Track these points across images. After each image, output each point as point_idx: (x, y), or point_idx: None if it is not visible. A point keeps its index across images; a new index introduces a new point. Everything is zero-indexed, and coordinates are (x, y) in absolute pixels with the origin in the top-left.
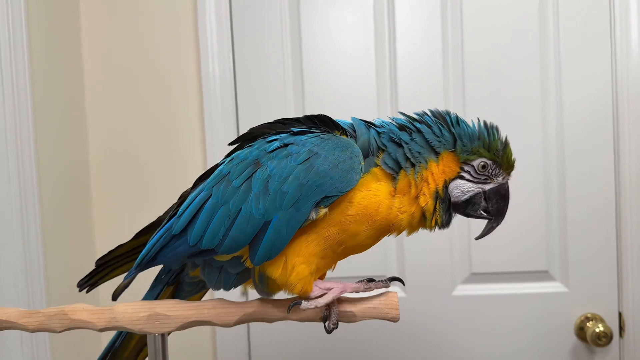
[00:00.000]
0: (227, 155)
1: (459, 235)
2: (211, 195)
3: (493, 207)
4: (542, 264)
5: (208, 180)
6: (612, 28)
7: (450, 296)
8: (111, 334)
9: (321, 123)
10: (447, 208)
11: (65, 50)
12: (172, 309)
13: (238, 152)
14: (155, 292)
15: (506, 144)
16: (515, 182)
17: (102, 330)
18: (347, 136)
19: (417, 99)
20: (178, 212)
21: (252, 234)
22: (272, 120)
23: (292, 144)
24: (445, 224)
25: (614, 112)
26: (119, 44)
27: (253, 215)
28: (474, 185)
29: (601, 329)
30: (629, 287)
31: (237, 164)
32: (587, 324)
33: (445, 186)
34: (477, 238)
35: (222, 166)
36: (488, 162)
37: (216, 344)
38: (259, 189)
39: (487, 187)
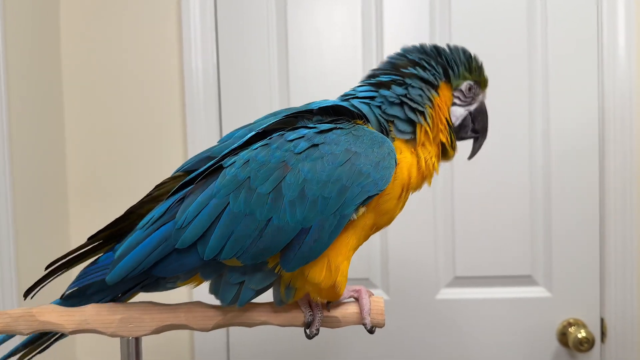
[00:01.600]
0: (224, 156)
1: (444, 239)
2: (228, 204)
3: (479, 125)
4: (526, 269)
5: (216, 186)
6: (599, 38)
7: (434, 299)
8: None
9: (335, 112)
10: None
11: (44, 43)
12: (147, 311)
13: (246, 152)
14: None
15: (480, 62)
16: (502, 188)
17: (72, 332)
18: (364, 123)
19: None
20: (179, 223)
21: (286, 242)
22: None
23: (322, 143)
24: (456, 149)
25: (599, 121)
26: (100, 37)
27: (288, 223)
28: (463, 109)
29: (583, 334)
30: (611, 293)
31: (258, 168)
32: (570, 329)
33: (449, 114)
34: (469, 158)
35: (233, 170)
36: (472, 83)
37: (194, 350)
38: (293, 196)
39: (472, 107)
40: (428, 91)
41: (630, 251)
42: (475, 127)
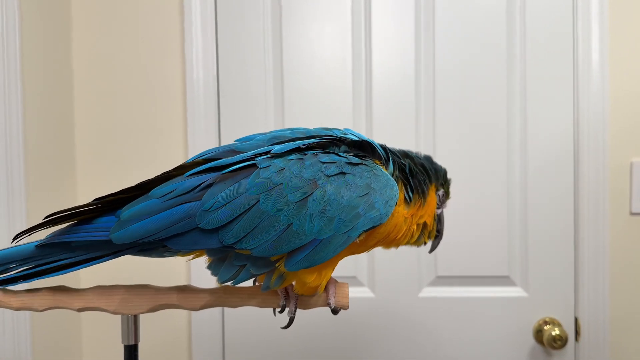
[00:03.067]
0: (256, 156)
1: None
2: (258, 202)
3: (441, 226)
4: (504, 270)
5: (249, 182)
6: (574, 53)
7: (417, 297)
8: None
9: (356, 147)
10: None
11: (56, 52)
12: (144, 292)
13: (282, 160)
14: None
15: (450, 178)
16: (481, 193)
17: (80, 310)
18: (381, 164)
19: (390, 109)
20: (206, 205)
21: (297, 246)
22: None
23: (350, 173)
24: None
25: (574, 130)
26: (109, 50)
27: (305, 231)
28: (438, 210)
29: (557, 332)
30: (584, 294)
31: (291, 178)
32: (545, 327)
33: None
34: (430, 252)
35: (268, 173)
36: (444, 192)
37: (192, 344)
38: (315, 210)
39: (439, 211)
40: (427, 183)
41: (603, 254)
42: (439, 228)
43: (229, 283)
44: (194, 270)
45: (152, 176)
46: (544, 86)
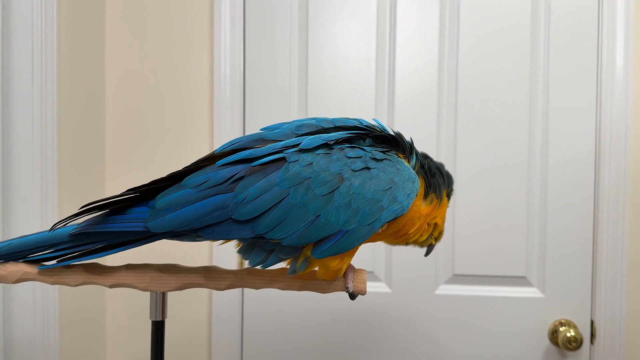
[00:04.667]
0: (285, 148)
1: (443, 239)
2: (288, 195)
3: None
4: (521, 270)
5: (279, 176)
6: (599, 56)
7: (433, 295)
8: None
9: (381, 139)
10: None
11: (89, 48)
12: (172, 272)
13: (310, 155)
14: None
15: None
16: (500, 193)
17: (112, 286)
18: (404, 157)
19: (411, 109)
20: (239, 198)
21: (324, 236)
22: (280, 116)
23: (374, 168)
24: (438, 240)
25: (596, 131)
26: (142, 47)
27: (331, 222)
28: None
29: (572, 333)
30: (601, 297)
31: (319, 172)
32: (560, 328)
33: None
34: (426, 255)
35: (297, 168)
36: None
37: (212, 323)
38: (341, 203)
39: None
40: (443, 186)
41: (621, 257)
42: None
43: (258, 266)
44: (215, 251)
45: (177, 168)
46: (567, 88)
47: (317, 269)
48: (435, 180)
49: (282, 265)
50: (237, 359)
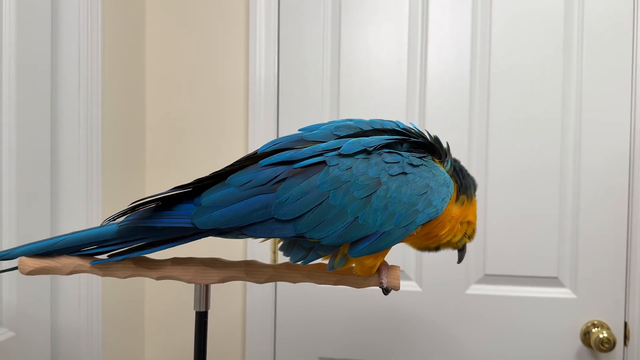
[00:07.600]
0: (325, 151)
1: (475, 239)
2: (328, 197)
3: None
4: (553, 271)
5: (319, 179)
6: (633, 55)
7: (464, 294)
8: None
9: (417, 144)
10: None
11: (131, 54)
12: (215, 265)
13: (349, 159)
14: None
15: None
16: (533, 193)
17: (158, 278)
18: (439, 162)
19: (443, 111)
20: (281, 198)
21: (361, 237)
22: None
23: (411, 173)
24: (471, 238)
25: (631, 130)
26: (178, 47)
27: (368, 224)
28: None
29: (605, 335)
30: (635, 298)
31: (357, 176)
32: (593, 330)
33: None
34: (458, 262)
35: (337, 171)
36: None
37: (246, 316)
38: (378, 206)
39: None
40: (472, 190)
41: None
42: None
43: (299, 263)
44: (249, 247)
45: (214, 169)
46: (600, 89)
47: (354, 265)
48: (466, 181)
49: (319, 260)
50: (270, 351)
